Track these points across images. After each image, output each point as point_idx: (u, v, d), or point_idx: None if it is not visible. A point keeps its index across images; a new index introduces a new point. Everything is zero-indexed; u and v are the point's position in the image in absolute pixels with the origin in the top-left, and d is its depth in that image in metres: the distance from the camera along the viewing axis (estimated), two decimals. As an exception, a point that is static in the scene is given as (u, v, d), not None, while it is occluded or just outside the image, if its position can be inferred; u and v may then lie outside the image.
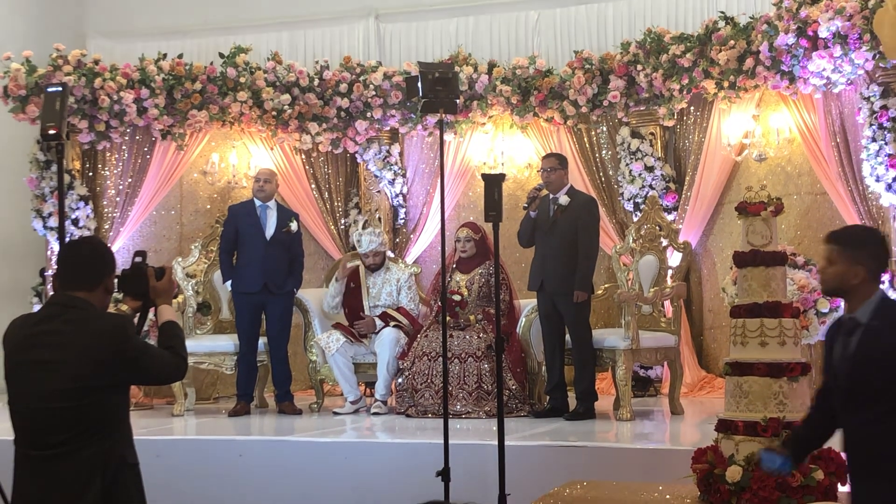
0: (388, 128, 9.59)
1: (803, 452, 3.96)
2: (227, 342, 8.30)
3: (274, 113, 9.28)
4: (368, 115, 9.40)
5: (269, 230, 8.14)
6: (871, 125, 7.41)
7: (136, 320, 3.84)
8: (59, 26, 10.22)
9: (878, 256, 3.68)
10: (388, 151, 9.67)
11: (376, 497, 6.22)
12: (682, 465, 5.07)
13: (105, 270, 3.70)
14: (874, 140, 7.39)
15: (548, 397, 7.65)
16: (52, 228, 9.03)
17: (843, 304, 3.81)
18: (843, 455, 3.73)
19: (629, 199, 8.96)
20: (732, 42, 8.11)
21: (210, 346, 8.30)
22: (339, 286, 8.23)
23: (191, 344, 6.70)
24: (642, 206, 8.58)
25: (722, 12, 8.44)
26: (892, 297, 3.72)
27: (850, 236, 3.76)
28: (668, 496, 4.93)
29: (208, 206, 9.71)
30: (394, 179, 9.66)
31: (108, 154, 9.30)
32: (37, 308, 8.28)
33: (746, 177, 8.54)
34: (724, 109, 8.56)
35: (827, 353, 3.74)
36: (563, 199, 7.53)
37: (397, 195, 9.70)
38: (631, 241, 8.03)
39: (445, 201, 6.44)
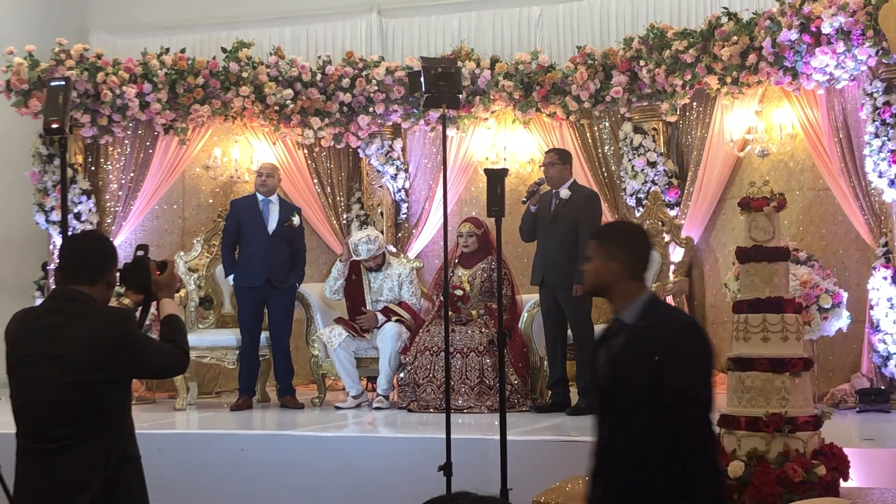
0: (390, 123, 9.58)
1: None
2: (230, 336, 8.31)
3: (276, 108, 9.28)
4: (371, 110, 9.39)
5: (272, 224, 8.14)
6: (873, 121, 7.40)
7: (137, 314, 3.84)
8: (61, 21, 10.22)
9: (637, 253, 3.44)
10: (390, 146, 9.66)
11: (378, 492, 6.22)
12: (683, 460, 5.06)
13: (107, 265, 3.70)
14: (877, 136, 7.38)
15: (550, 392, 7.65)
16: (54, 222, 9.04)
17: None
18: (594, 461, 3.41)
19: (631, 195, 8.94)
20: (735, 38, 8.09)
21: (212, 341, 8.30)
22: (342, 267, 8.22)
23: (193, 338, 6.70)
24: (645, 202, 8.57)
25: (725, 8, 8.42)
26: (661, 300, 3.50)
27: (606, 232, 3.59)
28: (669, 491, 4.92)
29: (210, 201, 9.72)
30: (396, 174, 9.66)
31: (111, 148, 9.31)
32: (39, 302, 8.30)
33: (749, 172, 8.53)
34: (727, 105, 8.55)
35: (595, 357, 3.51)
36: (565, 193, 7.53)
37: (399, 190, 9.69)
38: (633, 236, 8.01)
39: (448, 196, 6.44)
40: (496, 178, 5.52)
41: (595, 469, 3.40)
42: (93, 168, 9.35)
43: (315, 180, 9.72)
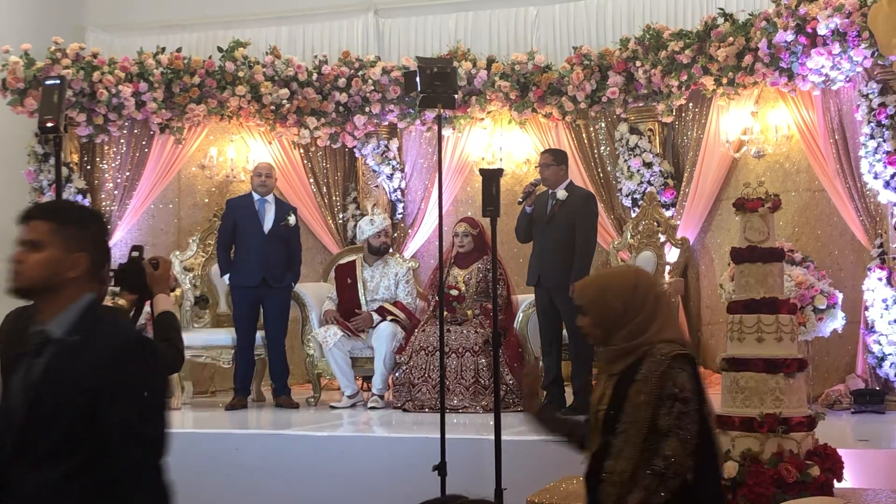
0: (386, 122, 9.58)
1: None
2: (225, 336, 8.30)
3: (272, 107, 9.28)
4: (367, 109, 9.39)
5: (268, 224, 8.14)
6: (869, 122, 7.41)
7: (132, 314, 3.83)
8: (57, 19, 10.21)
9: (102, 244, 2.70)
10: (386, 146, 9.66)
11: (372, 491, 6.22)
12: (678, 460, 5.06)
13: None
14: (872, 137, 7.39)
15: (545, 392, 7.65)
16: (49, 221, 9.01)
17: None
18: None
19: (627, 196, 8.95)
20: (731, 39, 8.10)
21: (207, 340, 8.30)
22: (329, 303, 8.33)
23: (188, 337, 6.69)
24: (640, 203, 8.58)
25: (721, 9, 8.43)
26: (103, 305, 2.73)
27: (68, 212, 2.70)
28: (663, 491, 4.93)
29: (206, 200, 9.71)
30: (392, 174, 9.66)
31: (107, 147, 9.31)
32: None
33: (744, 173, 8.54)
34: (723, 106, 8.56)
35: (3, 382, 2.72)
36: (561, 194, 7.53)
37: (395, 190, 9.70)
38: (629, 237, 8.04)
39: (443, 196, 6.44)
40: (492, 178, 5.52)
41: None
42: (88, 167, 9.34)
43: (311, 180, 9.72)
